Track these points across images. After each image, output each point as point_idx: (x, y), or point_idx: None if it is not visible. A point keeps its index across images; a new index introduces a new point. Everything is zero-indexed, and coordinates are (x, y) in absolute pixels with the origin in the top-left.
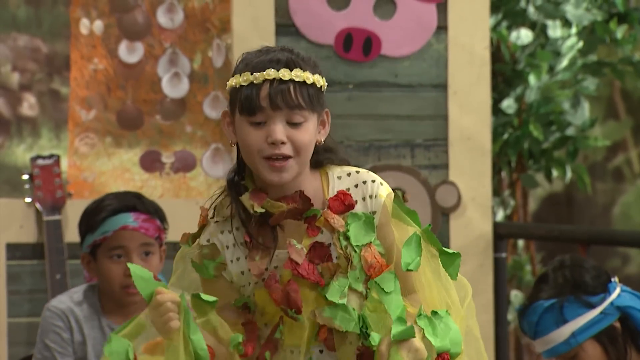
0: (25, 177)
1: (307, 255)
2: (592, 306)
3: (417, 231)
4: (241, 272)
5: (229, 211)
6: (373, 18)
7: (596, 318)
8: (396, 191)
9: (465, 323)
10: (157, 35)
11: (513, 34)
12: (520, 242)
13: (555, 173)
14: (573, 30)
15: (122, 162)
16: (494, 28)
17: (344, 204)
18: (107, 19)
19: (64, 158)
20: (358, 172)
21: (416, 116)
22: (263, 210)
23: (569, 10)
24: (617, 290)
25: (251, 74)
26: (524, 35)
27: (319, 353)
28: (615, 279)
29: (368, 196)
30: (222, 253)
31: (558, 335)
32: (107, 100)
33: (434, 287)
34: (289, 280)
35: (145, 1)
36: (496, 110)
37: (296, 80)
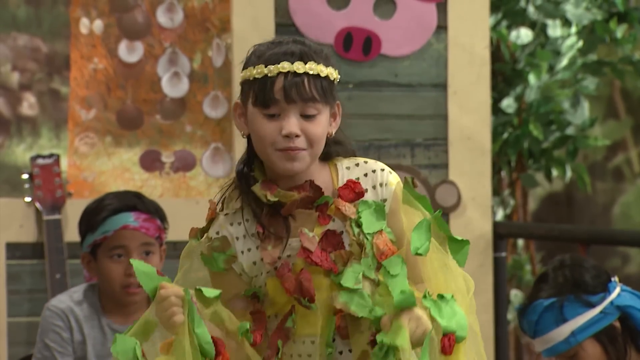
0: (25, 177)
1: (320, 243)
2: (592, 305)
3: (427, 217)
4: (253, 263)
5: (239, 203)
6: (373, 18)
7: (596, 317)
8: (406, 177)
9: (473, 311)
10: (157, 34)
11: (513, 34)
12: (520, 242)
13: (555, 173)
14: (573, 29)
15: (122, 162)
16: (494, 27)
17: (355, 192)
18: (107, 19)
19: (64, 158)
20: (366, 162)
21: (416, 116)
22: (276, 199)
23: (569, 9)
24: (617, 289)
25: (265, 67)
26: (524, 34)
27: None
28: (615, 279)
29: (378, 184)
30: (233, 245)
31: (558, 334)
32: (107, 99)
33: (441, 276)
34: (302, 269)
35: (145, 1)
36: (496, 109)
37: (310, 73)
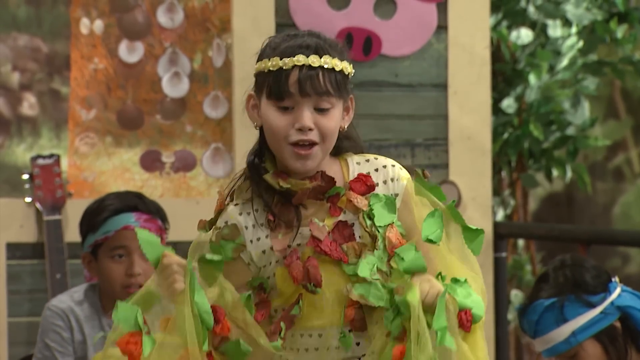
0: (25, 177)
1: (331, 234)
2: (593, 305)
3: (441, 206)
4: (262, 252)
5: (249, 194)
6: (373, 18)
7: (596, 317)
8: (416, 169)
9: (485, 296)
10: (157, 34)
11: (513, 34)
12: (520, 242)
13: (555, 173)
14: (573, 29)
15: (122, 162)
16: (494, 28)
17: (366, 185)
18: (107, 19)
19: (64, 158)
20: (377, 159)
21: (416, 116)
22: (289, 185)
23: (569, 9)
24: (618, 290)
25: (280, 59)
26: (524, 34)
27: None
28: (615, 279)
29: (389, 179)
30: (242, 233)
31: (558, 334)
32: (107, 100)
33: (455, 265)
34: (309, 257)
35: (145, 1)
36: (496, 109)
37: (325, 67)
